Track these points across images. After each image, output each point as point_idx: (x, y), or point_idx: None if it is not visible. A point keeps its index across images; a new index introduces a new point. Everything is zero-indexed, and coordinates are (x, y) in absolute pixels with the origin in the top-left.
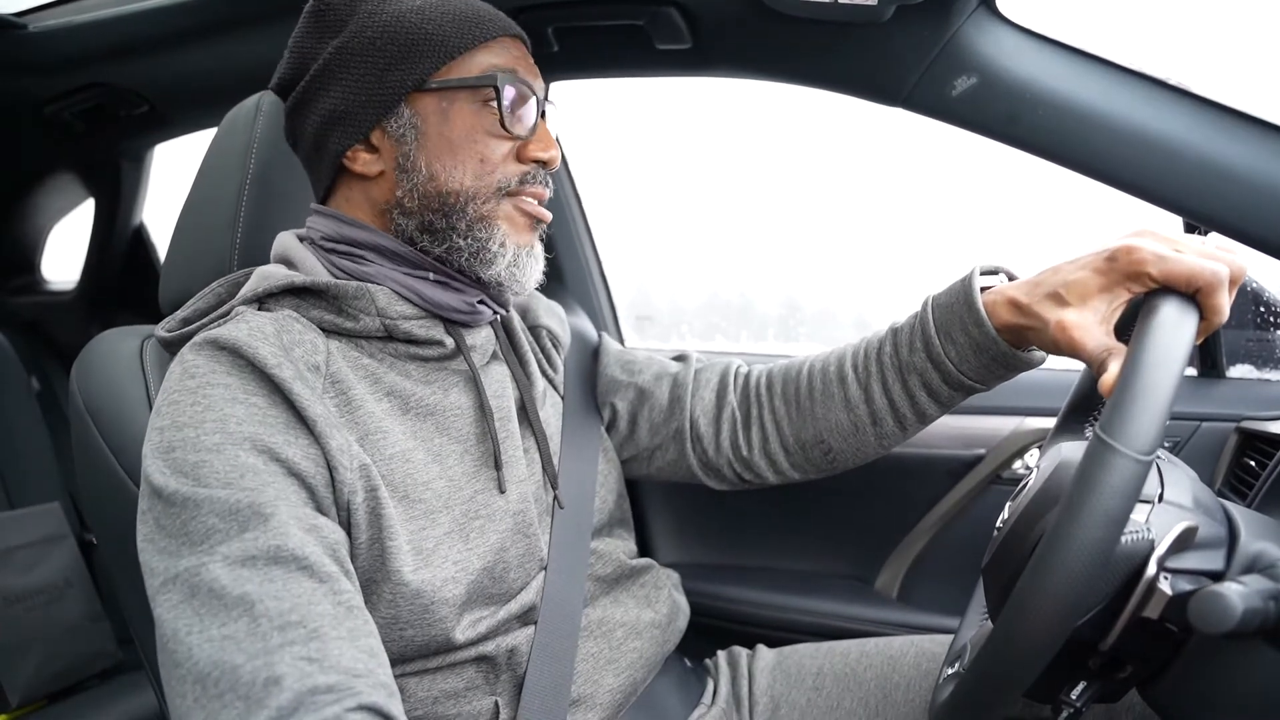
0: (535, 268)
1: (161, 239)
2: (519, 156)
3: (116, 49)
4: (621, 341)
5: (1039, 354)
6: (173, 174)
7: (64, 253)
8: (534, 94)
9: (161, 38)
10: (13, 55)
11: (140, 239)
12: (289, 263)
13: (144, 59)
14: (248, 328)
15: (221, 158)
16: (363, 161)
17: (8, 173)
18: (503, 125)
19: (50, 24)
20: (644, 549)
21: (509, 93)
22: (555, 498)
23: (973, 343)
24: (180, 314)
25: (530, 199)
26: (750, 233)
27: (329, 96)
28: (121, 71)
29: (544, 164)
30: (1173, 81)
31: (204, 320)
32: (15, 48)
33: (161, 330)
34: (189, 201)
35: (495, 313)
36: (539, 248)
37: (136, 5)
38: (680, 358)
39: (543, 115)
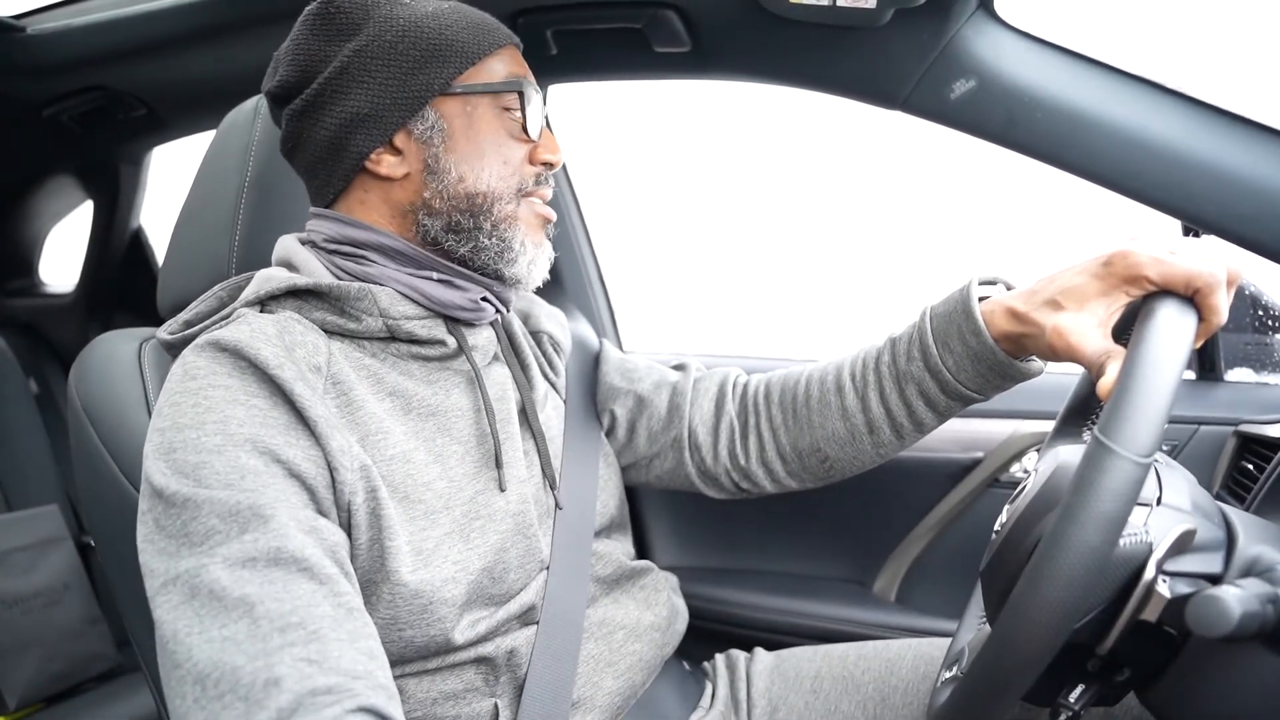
0: (546, 265)
1: (160, 242)
2: (530, 159)
3: (115, 52)
4: (620, 346)
5: (1037, 364)
6: (171, 177)
7: (62, 258)
8: (541, 99)
9: (160, 41)
10: (11, 58)
11: (138, 242)
12: (291, 265)
13: (142, 62)
14: (249, 329)
15: (220, 160)
16: (388, 164)
17: (6, 175)
18: (524, 129)
19: (49, 27)
20: (642, 552)
21: (528, 98)
22: (555, 499)
23: (970, 352)
24: (183, 316)
25: (539, 199)
26: (749, 235)
27: (349, 99)
28: (120, 75)
29: (550, 166)
30: (1170, 85)
31: (206, 323)
32: (14, 51)
33: (164, 333)
34: (187, 204)
35: (497, 310)
36: (548, 245)
37: (135, 8)
38: (680, 366)
39: (545, 119)
